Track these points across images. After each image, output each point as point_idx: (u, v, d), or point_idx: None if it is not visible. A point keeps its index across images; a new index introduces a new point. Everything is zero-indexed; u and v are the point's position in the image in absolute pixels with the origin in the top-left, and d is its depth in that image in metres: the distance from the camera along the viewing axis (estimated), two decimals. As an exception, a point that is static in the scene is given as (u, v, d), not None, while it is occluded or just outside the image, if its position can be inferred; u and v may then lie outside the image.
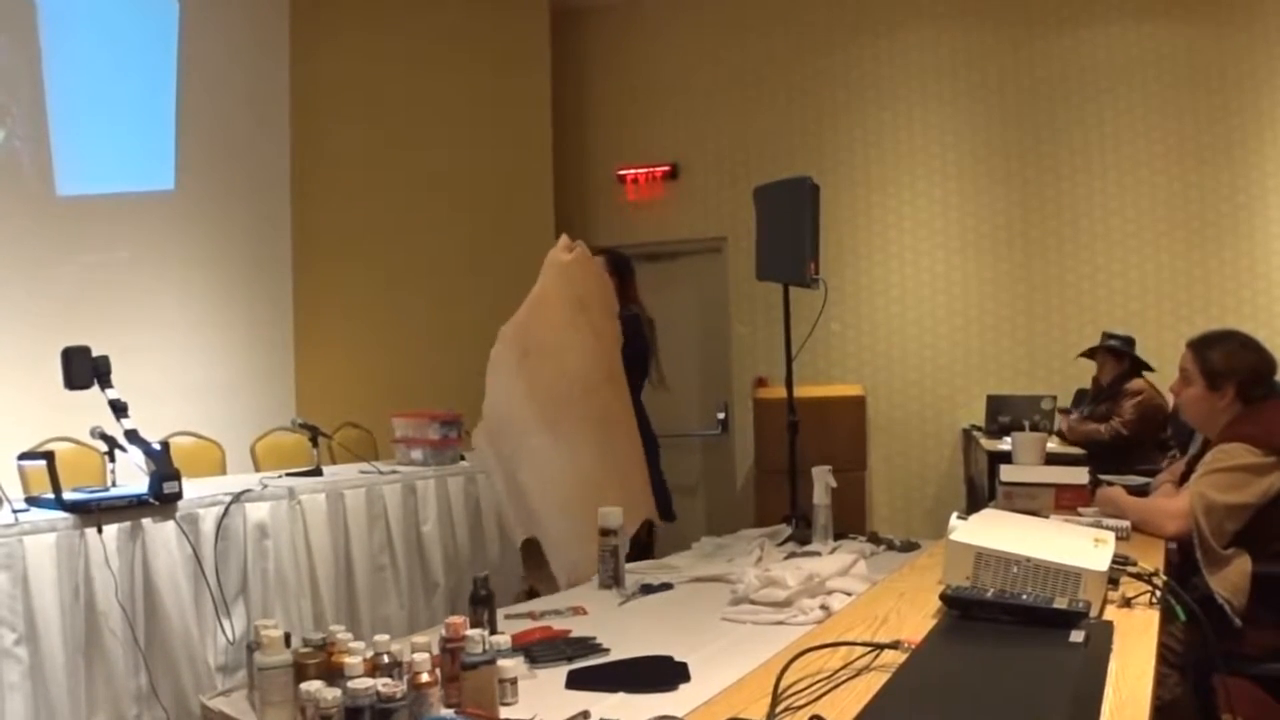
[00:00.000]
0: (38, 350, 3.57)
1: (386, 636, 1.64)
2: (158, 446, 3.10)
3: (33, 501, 2.96)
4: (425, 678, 1.47)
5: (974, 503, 4.93)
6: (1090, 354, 4.94)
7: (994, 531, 1.90)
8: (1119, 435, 4.55)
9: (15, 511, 2.76)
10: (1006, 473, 2.97)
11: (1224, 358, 2.53)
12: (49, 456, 2.93)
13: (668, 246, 5.92)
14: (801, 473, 3.36)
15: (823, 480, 3.00)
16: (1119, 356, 4.78)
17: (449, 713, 1.49)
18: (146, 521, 3.00)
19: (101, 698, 2.82)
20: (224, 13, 5.55)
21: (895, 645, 1.42)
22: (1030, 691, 1.28)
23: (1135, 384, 4.67)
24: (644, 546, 3.25)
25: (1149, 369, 4.74)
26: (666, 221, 6.19)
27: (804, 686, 1.28)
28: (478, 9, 5.90)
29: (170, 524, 3.07)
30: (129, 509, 2.95)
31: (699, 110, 6.15)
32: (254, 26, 5.74)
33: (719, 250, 6.14)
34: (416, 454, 4.34)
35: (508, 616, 2.22)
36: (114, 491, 3.03)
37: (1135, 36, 5.45)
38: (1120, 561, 1.85)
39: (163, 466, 3.02)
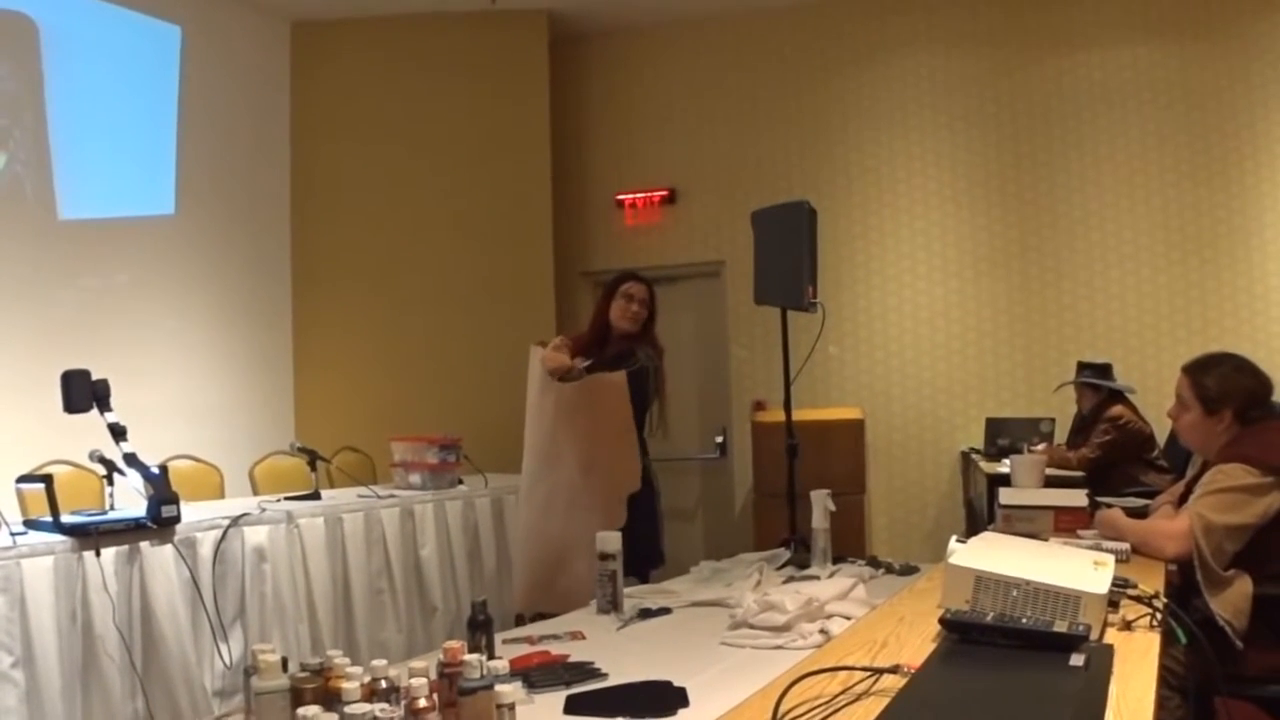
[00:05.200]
0: (37, 373, 3.58)
1: (384, 661, 1.63)
2: (156, 470, 3.10)
3: (31, 524, 2.96)
4: (423, 703, 1.46)
5: (973, 526, 4.92)
6: (1070, 386, 4.96)
7: (993, 554, 1.90)
8: (1088, 461, 4.58)
9: (13, 534, 2.76)
10: (1005, 495, 2.97)
11: (1219, 382, 2.53)
12: (47, 479, 2.93)
13: (666, 271, 5.93)
14: (800, 496, 3.35)
15: (821, 504, 3.00)
16: (1094, 387, 4.80)
17: (447, 738, 1.49)
18: (144, 545, 2.99)
19: (97, 722, 2.81)
20: (225, 38, 5.60)
21: (894, 669, 1.41)
22: (1030, 716, 1.27)
23: (1113, 410, 4.68)
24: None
25: (1131, 390, 4.76)
26: (664, 246, 6.21)
27: (803, 711, 1.28)
28: (477, 35, 5.94)
29: (168, 547, 3.06)
30: (127, 532, 2.95)
31: (697, 135, 6.18)
32: (255, 52, 5.79)
33: (717, 274, 6.16)
34: (415, 478, 4.34)
35: (506, 641, 2.21)
36: (112, 515, 3.03)
37: (1129, 59, 5.50)
38: (1120, 584, 1.85)
39: (161, 490, 3.02)
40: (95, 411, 3.09)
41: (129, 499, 3.16)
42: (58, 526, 2.85)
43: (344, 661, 1.66)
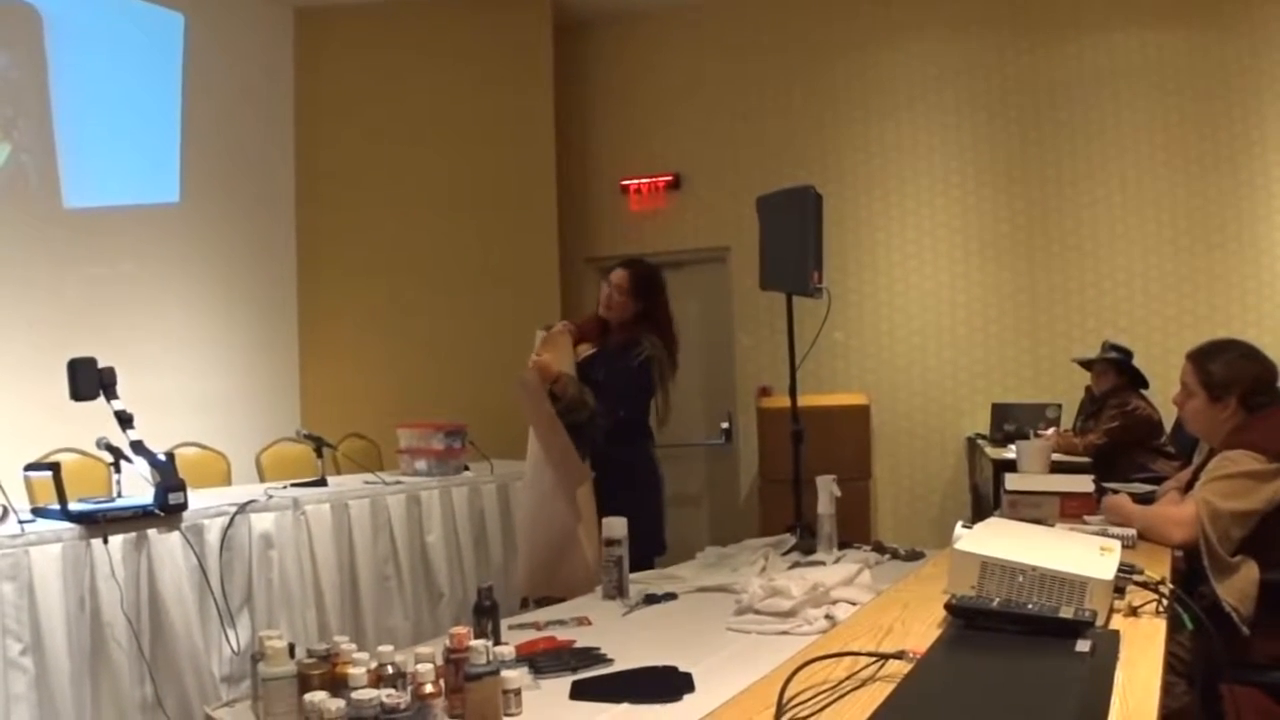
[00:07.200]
0: (44, 361, 3.59)
1: (390, 647, 1.64)
2: (163, 457, 3.11)
3: (39, 512, 2.97)
4: (429, 689, 1.47)
5: (979, 511, 4.92)
6: (1088, 364, 4.93)
7: (999, 540, 1.90)
8: (1095, 447, 4.56)
9: (21, 522, 2.77)
10: (1011, 481, 2.97)
11: (1224, 369, 2.52)
12: (55, 467, 2.94)
13: (671, 257, 5.92)
14: (806, 482, 3.36)
15: (827, 489, 2.99)
16: (1118, 369, 4.76)
17: (453, 724, 1.50)
18: (152, 532, 3.00)
19: (106, 708, 2.83)
20: (229, 27, 5.59)
21: (900, 655, 1.41)
22: (1036, 702, 1.27)
23: (1124, 396, 4.66)
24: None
25: (1145, 385, 4.72)
26: (670, 232, 6.19)
27: (809, 697, 1.28)
28: (481, 22, 5.92)
29: (175, 534, 3.07)
30: (134, 520, 2.96)
31: (701, 121, 6.16)
32: (259, 40, 5.78)
33: (722, 260, 6.15)
34: (421, 464, 4.35)
35: (512, 627, 2.21)
36: (120, 502, 3.04)
37: (1137, 43, 5.46)
38: (1126, 570, 1.85)
39: (168, 477, 3.03)
40: (102, 399, 3.10)
41: (136, 486, 3.17)
42: (65, 514, 2.86)
43: (351, 648, 1.67)
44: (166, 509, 3.01)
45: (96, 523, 2.85)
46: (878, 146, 5.88)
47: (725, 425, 6.14)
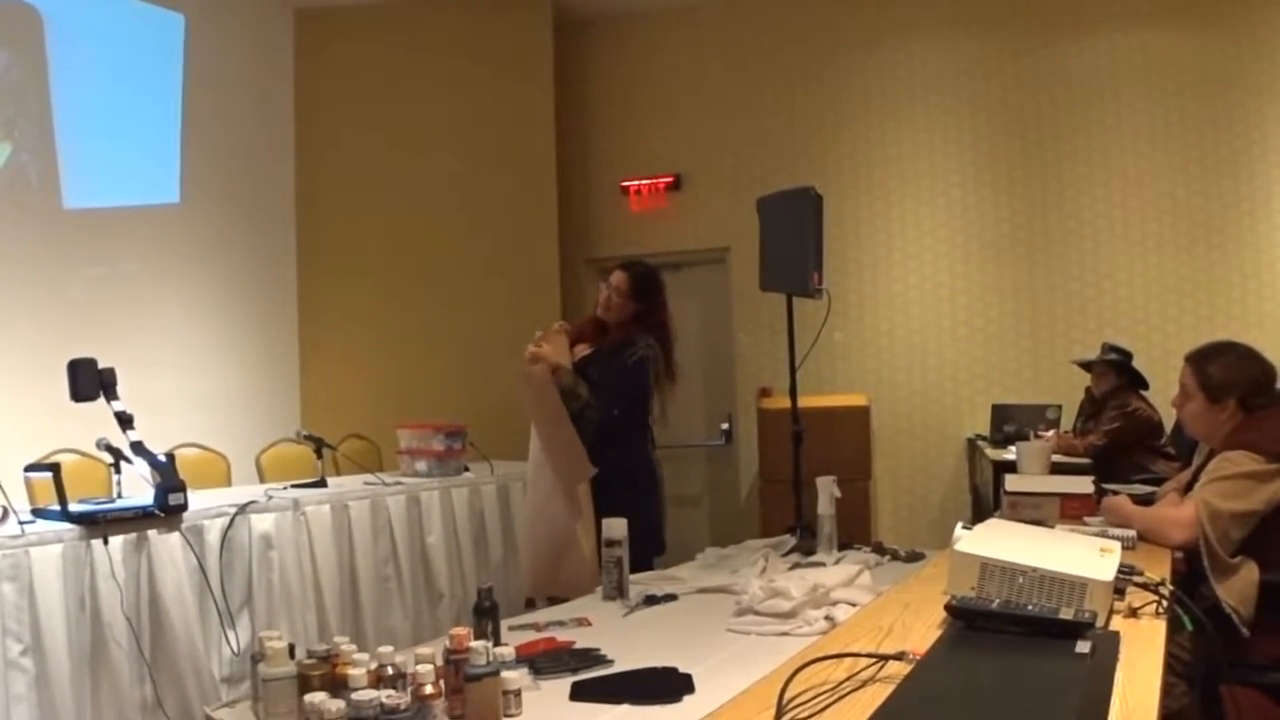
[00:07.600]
0: (44, 361, 3.59)
1: (390, 648, 1.64)
2: (163, 458, 3.11)
3: (39, 513, 2.97)
4: (429, 689, 1.46)
5: (979, 512, 4.92)
6: (1087, 365, 4.93)
7: (999, 541, 1.90)
8: (1095, 448, 4.57)
9: (21, 523, 2.77)
10: (1011, 482, 2.97)
11: (1223, 371, 2.53)
12: (55, 468, 2.94)
13: (671, 257, 5.93)
14: (806, 483, 3.36)
15: (827, 490, 2.99)
16: (1117, 370, 4.76)
17: (453, 725, 1.49)
18: (152, 533, 3.01)
19: (107, 708, 2.83)
20: (229, 27, 5.59)
21: (900, 656, 1.41)
22: (1036, 703, 1.27)
23: (1124, 397, 4.66)
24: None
25: (1145, 386, 4.73)
26: (670, 232, 6.19)
27: (809, 698, 1.28)
28: (480, 22, 5.92)
29: (175, 535, 3.07)
30: (134, 520, 2.96)
31: (702, 121, 6.16)
32: (259, 41, 5.78)
33: (722, 261, 6.15)
34: (421, 465, 4.35)
35: (512, 628, 2.21)
36: (120, 503, 3.04)
37: (1138, 44, 5.46)
38: (1126, 571, 1.85)
39: (168, 478, 3.03)
40: (102, 400, 3.10)
41: (136, 487, 3.17)
42: (66, 515, 2.86)
43: (350, 648, 1.67)
44: (166, 510, 3.01)
45: (97, 523, 2.85)
46: (878, 147, 5.88)
47: (725, 426, 6.14)
